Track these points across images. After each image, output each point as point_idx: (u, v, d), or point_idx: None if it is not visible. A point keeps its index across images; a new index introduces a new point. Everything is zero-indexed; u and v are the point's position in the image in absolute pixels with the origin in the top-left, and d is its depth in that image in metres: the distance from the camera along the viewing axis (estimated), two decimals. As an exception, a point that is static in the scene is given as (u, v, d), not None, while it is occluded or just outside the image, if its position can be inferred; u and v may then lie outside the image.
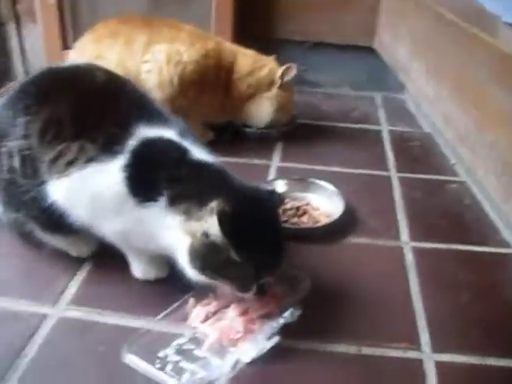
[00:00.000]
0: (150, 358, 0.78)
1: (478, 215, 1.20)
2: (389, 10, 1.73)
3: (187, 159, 0.84)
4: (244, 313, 0.84)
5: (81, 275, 0.97)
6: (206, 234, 0.77)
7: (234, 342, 0.81)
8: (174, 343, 0.81)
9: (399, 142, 1.57)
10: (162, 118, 0.90)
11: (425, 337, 0.85)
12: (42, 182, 0.88)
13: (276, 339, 0.80)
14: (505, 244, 1.10)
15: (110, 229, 0.88)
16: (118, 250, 0.93)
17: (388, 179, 1.36)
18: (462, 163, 1.39)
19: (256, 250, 0.78)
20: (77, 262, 0.99)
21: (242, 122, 1.56)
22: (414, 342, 0.84)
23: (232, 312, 0.84)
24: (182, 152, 0.85)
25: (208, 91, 1.45)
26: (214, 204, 0.75)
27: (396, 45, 1.57)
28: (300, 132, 1.60)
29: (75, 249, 1.00)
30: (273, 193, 0.86)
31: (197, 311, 0.86)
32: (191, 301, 0.87)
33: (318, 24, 1.89)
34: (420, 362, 0.80)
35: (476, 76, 1.01)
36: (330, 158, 1.45)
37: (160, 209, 0.82)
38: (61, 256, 0.99)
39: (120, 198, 0.83)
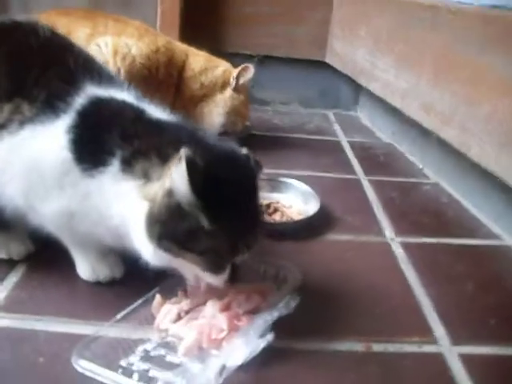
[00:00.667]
0: (109, 367, 0.59)
1: (458, 211, 1.12)
2: (342, 17, 1.69)
3: (145, 117, 0.70)
4: (226, 308, 0.68)
5: (12, 278, 0.77)
6: (169, 192, 0.61)
7: (218, 344, 0.64)
8: (139, 349, 0.64)
9: (361, 150, 1.49)
10: (114, 81, 0.76)
11: (438, 329, 0.72)
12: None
13: (270, 337, 0.64)
14: (493, 236, 1.01)
15: (49, 211, 0.70)
16: (59, 246, 0.75)
17: (357, 181, 1.26)
18: (431, 166, 1.32)
19: (232, 215, 0.63)
20: (6, 263, 0.79)
21: (194, 128, 1.42)
22: (427, 335, 0.71)
23: (211, 308, 0.68)
24: (138, 111, 0.70)
25: (158, 90, 1.30)
26: (181, 152, 0.60)
27: (354, 49, 1.52)
28: (256, 141, 1.48)
29: (5, 249, 0.81)
30: (250, 157, 0.71)
31: (166, 310, 0.68)
32: (158, 297, 0.70)
33: (267, 37, 1.82)
34: (441, 356, 0.67)
35: (465, 52, 0.95)
36: (293, 163, 1.34)
37: (112, 175, 0.66)
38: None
39: (63, 166, 0.67)
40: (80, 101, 0.68)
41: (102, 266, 0.77)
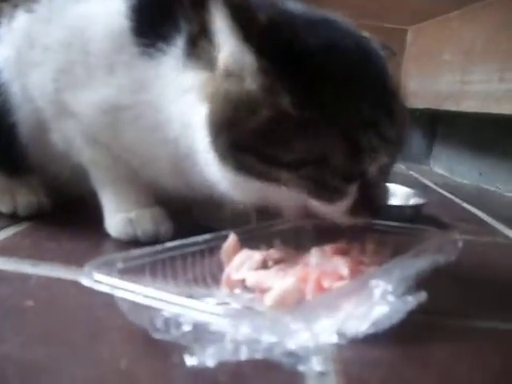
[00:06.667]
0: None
1: None
2: (418, 52, 1.53)
3: None
4: (341, 254, 0.42)
5: (12, 229, 0.54)
6: (225, 72, 0.42)
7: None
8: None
9: (446, 186, 1.25)
10: None
11: None
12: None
13: (423, 296, 0.36)
14: None
15: (87, 105, 0.49)
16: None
17: (452, 201, 1.02)
18: None
19: (338, 90, 0.41)
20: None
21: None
22: None
23: (317, 255, 0.41)
24: None
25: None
26: None
27: (437, 77, 1.34)
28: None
29: (8, 200, 0.58)
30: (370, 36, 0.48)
31: (243, 255, 0.42)
32: (232, 237, 0.43)
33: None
34: None
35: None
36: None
37: (174, 59, 0.47)
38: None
39: (116, 38, 0.48)
40: None
41: (144, 216, 0.52)
